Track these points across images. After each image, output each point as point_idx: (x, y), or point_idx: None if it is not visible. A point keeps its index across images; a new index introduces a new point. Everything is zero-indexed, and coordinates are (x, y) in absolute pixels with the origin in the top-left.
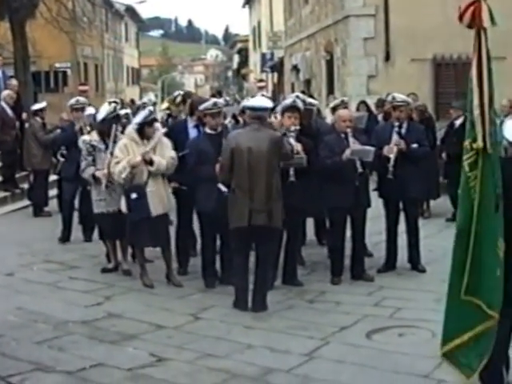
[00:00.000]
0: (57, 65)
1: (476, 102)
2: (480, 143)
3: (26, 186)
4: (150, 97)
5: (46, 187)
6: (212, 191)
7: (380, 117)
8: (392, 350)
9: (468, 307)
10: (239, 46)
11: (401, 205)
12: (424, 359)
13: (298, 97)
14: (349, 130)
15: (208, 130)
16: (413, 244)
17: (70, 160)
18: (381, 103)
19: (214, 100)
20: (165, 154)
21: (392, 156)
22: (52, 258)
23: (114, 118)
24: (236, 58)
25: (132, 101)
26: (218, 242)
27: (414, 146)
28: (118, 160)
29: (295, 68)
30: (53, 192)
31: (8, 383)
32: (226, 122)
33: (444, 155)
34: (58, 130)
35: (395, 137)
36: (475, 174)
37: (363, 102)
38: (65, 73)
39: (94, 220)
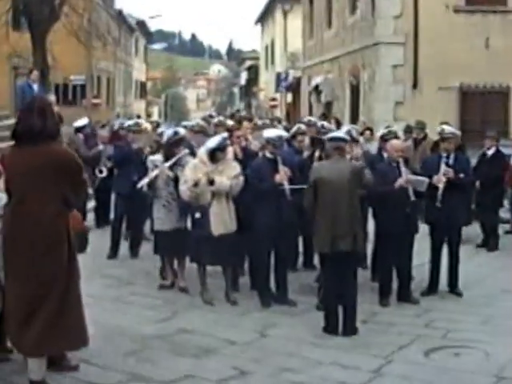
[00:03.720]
0: (71, 77)
1: None
2: None
3: None
4: (198, 120)
5: (85, 202)
6: (270, 209)
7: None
8: (452, 368)
9: None
10: (249, 63)
11: None
12: (483, 376)
13: (353, 128)
14: (401, 160)
15: (268, 155)
16: (453, 269)
17: (124, 177)
18: (409, 129)
19: (279, 133)
20: (230, 175)
21: (441, 185)
22: (106, 272)
23: (177, 141)
24: (244, 75)
25: (138, 117)
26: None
27: (461, 175)
28: (185, 179)
29: (316, 89)
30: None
31: None
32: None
33: (477, 183)
34: (100, 147)
35: (443, 167)
36: None
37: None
38: (83, 86)
39: (141, 237)
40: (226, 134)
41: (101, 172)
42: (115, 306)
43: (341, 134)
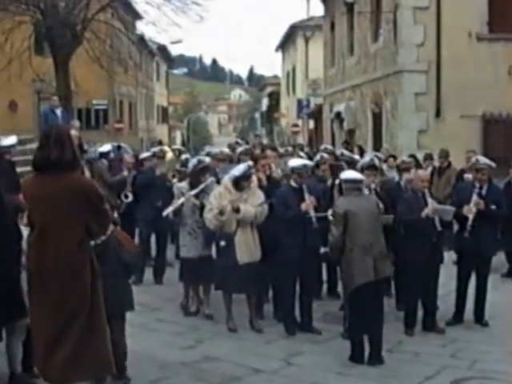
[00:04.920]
0: (94, 101)
1: None
2: None
3: None
4: (222, 148)
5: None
6: (295, 238)
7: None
8: None
9: None
10: (270, 89)
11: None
12: None
13: (376, 156)
14: (426, 190)
15: (293, 184)
16: (480, 299)
17: (148, 202)
18: (429, 157)
19: (304, 162)
20: (254, 204)
21: (470, 216)
22: None
23: (202, 169)
24: (265, 101)
25: (160, 142)
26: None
27: (493, 207)
28: (211, 207)
29: (338, 116)
30: None
31: None
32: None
33: None
34: (125, 172)
35: (475, 197)
36: None
37: (412, 156)
38: (106, 111)
39: (165, 263)
40: (250, 163)
41: (126, 197)
42: (141, 332)
43: (355, 174)
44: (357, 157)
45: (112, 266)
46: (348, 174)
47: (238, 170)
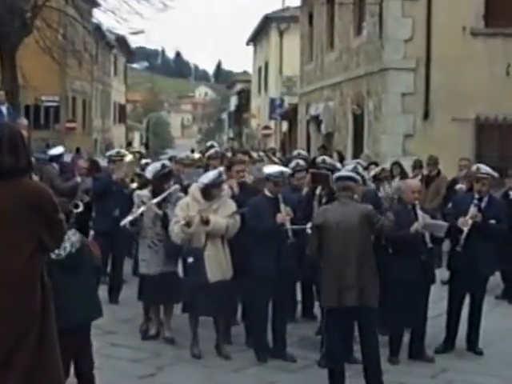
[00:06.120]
0: (43, 98)
1: None
2: None
3: None
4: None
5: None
6: (269, 253)
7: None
8: None
9: None
10: (239, 86)
11: None
12: None
13: (359, 163)
14: (417, 202)
15: (268, 193)
16: (474, 325)
17: (104, 212)
18: (418, 165)
19: (281, 170)
20: (225, 215)
21: (465, 229)
22: None
23: (166, 175)
24: (234, 100)
25: (129, 143)
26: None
27: (492, 221)
28: (177, 219)
29: (316, 119)
30: None
31: None
32: None
33: None
34: (78, 178)
35: (472, 209)
36: None
37: (396, 163)
38: (57, 108)
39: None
40: (221, 169)
41: (76, 207)
42: (96, 359)
43: (349, 172)
44: (339, 165)
45: (86, 275)
46: (341, 172)
47: (207, 177)
